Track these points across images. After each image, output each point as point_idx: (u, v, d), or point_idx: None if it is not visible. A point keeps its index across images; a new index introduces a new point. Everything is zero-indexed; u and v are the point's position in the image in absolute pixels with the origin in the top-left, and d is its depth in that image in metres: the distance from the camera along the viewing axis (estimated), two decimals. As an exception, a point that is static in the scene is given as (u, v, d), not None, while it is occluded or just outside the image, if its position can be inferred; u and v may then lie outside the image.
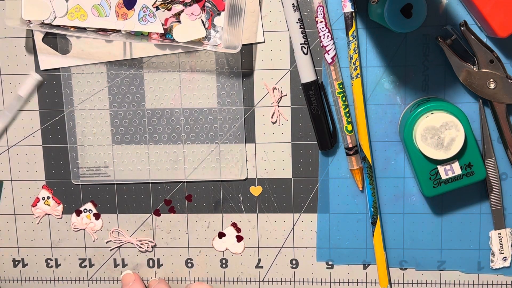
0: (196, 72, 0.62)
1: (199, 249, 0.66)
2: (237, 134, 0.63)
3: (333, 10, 0.60)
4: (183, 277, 0.67)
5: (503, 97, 0.58)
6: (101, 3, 0.59)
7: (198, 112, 0.63)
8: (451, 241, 0.64)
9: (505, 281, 0.64)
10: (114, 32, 0.60)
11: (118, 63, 0.62)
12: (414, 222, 0.63)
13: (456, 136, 0.55)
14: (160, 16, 0.59)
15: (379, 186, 0.63)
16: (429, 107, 0.57)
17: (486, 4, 0.54)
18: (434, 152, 0.56)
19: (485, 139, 0.60)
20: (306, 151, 0.63)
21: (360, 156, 0.61)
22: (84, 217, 0.66)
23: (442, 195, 0.62)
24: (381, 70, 0.61)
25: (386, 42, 0.60)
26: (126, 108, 0.63)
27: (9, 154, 0.65)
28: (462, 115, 0.56)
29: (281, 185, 0.64)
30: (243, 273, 0.67)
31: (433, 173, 0.57)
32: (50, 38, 0.62)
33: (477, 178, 0.57)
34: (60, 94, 0.64)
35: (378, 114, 0.61)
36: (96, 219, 0.66)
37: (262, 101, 0.62)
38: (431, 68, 0.60)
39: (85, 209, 0.66)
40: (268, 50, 0.61)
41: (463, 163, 0.57)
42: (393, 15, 0.55)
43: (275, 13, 0.61)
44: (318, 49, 0.61)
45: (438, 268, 0.64)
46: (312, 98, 0.60)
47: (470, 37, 0.56)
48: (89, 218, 0.66)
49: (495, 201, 0.61)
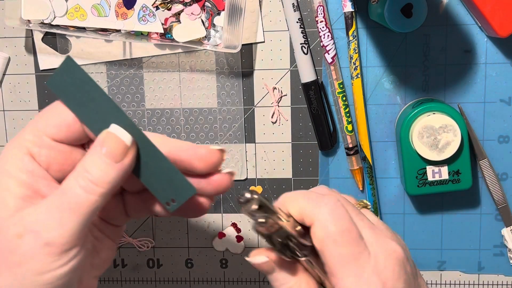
0: (196, 72, 0.62)
1: (199, 249, 0.66)
2: (237, 134, 0.63)
3: (333, 9, 0.60)
4: (183, 277, 0.67)
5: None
6: (101, 2, 0.59)
7: (198, 112, 0.63)
8: (451, 241, 0.63)
9: (505, 281, 0.64)
10: (113, 32, 0.60)
11: (118, 63, 0.62)
12: (414, 222, 0.63)
13: (452, 141, 0.55)
14: (160, 16, 0.59)
15: (379, 186, 0.63)
16: (431, 106, 0.57)
17: (486, 4, 0.54)
18: (427, 152, 0.56)
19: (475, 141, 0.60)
20: (306, 151, 0.63)
21: (360, 156, 0.61)
22: (84, 217, 0.66)
23: (442, 195, 0.62)
24: (381, 70, 0.61)
25: (386, 42, 0.60)
26: (126, 108, 0.63)
27: (9, 154, 0.65)
28: (462, 123, 0.56)
29: (281, 185, 0.64)
30: (243, 273, 0.67)
31: (421, 172, 0.57)
32: (50, 38, 0.62)
33: (462, 187, 0.58)
34: (59, 94, 0.63)
35: (378, 114, 0.61)
36: (95, 219, 0.66)
37: (262, 101, 0.62)
38: (431, 68, 0.60)
39: (85, 209, 0.66)
40: (268, 50, 0.61)
41: (452, 169, 0.57)
42: (393, 15, 0.55)
43: (275, 12, 0.61)
44: (318, 49, 0.61)
45: (438, 268, 0.64)
46: (312, 98, 0.60)
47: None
48: (89, 218, 0.66)
49: (499, 199, 0.61)
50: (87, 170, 0.37)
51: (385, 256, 0.38)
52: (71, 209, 0.36)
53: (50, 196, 0.37)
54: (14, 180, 0.38)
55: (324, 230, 0.37)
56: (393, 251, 0.38)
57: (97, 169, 0.37)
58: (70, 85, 0.39)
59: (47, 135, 0.39)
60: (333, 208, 0.38)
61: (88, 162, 0.37)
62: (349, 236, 0.37)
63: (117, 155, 0.37)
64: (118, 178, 0.37)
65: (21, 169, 0.38)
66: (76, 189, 0.37)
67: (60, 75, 0.39)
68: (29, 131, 0.39)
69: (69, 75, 0.39)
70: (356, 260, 0.37)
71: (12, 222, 0.37)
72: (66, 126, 0.39)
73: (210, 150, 0.39)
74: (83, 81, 0.39)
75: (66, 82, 0.39)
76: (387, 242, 0.38)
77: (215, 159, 0.39)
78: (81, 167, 0.37)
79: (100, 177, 0.37)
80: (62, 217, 0.36)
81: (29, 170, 0.38)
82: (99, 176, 0.37)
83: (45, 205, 0.37)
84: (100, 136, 0.38)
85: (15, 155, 0.38)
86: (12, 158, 0.38)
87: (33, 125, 0.39)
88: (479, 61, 0.60)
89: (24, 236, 0.36)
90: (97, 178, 0.37)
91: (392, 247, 0.38)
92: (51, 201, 0.37)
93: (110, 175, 0.37)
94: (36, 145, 0.39)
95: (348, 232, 0.37)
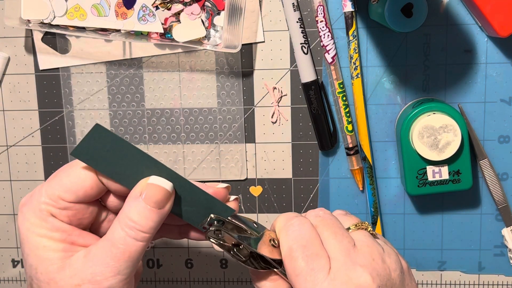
0: (196, 72, 0.62)
1: (199, 249, 0.66)
2: (237, 134, 0.63)
3: (333, 9, 0.60)
4: (183, 277, 0.67)
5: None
6: (101, 2, 0.59)
7: (198, 112, 0.63)
8: (451, 241, 0.63)
9: (506, 281, 0.64)
10: (113, 31, 0.60)
11: (118, 63, 0.62)
12: (415, 222, 0.63)
13: (453, 141, 0.55)
14: (159, 16, 0.59)
15: (379, 186, 0.63)
16: (432, 106, 0.57)
17: (486, 3, 0.53)
18: (427, 152, 0.56)
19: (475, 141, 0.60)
20: (306, 151, 0.63)
21: (361, 156, 0.61)
22: (84, 217, 0.66)
23: (442, 195, 0.62)
24: (382, 70, 0.60)
25: (386, 42, 0.60)
26: (126, 108, 0.63)
27: (9, 154, 0.65)
28: (462, 123, 0.56)
29: (281, 185, 0.64)
30: (243, 273, 0.66)
31: (421, 172, 0.57)
32: (50, 37, 0.62)
33: (463, 187, 0.58)
34: (59, 94, 0.63)
35: (378, 114, 0.61)
36: (95, 219, 0.66)
37: (262, 101, 0.62)
38: (431, 68, 0.60)
39: (85, 209, 0.66)
40: (268, 49, 0.61)
41: (452, 169, 0.57)
42: (394, 14, 0.55)
43: (275, 12, 0.60)
44: (318, 49, 0.61)
45: (438, 269, 0.64)
46: (312, 98, 0.60)
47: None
48: (89, 218, 0.66)
49: (499, 199, 0.61)
50: (133, 220, 0.41)
51: (344, 281, 0.40)
52: (125, 258, 0.41)
53: (99, 249, 0.41)
54: (49, 240, 0.41)
55: (285, 245, 0.42)
56: (356, 278, 0.40)
57: (142, 218, 0.41)
58: (99, 150, 0.42)
59: (62, 199, 0.42)
60: (296, 228, 0.42)
61: (133, 212, 0.41)
62: (305, 253, 0.40)
63: (160, 202, 0.41)
64: (161, 221, 0.42)
65: (51, 229, 0.42)
66: (126, 239, 0.41)
67: (87, 143, 0.42)
68: (46, 195, 0.42)
69: (97, 140, 0.42)
70: (312, 274, 0.40)
71: (67, 275, 0.41)
72: (82, 191, 0.42)
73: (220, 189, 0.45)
74: (114, 143, 0.43)
75: (93, 148, 0.42)
76: (354, 269, 0.40)
77: (223, 193, 0.45)
78: (127, 218, 0.41)
79: (146, 224, 0.41)
80: (118, 266, 0.40)
81: (57, 228, 0.42)
82: (145, 223, 0.41)
83: (96, 257, 0.41)
84: (138, 186, 0.42)
85: (39, 217, 0.42)
86: (37, 221, 0.42)
87: (49, 190, 0.42)
88: (480, 61, 0.60)
89: (83, 286, 0.40)
90: (143, 225, 0.41)
91: (356, 275, 0.40)
92: (102, 252, 0.41)
93: (155, 220, 0.41)
94: (54, 207, 0.42)
95: (304, 248, 0.41)
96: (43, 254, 0.41)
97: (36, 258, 0.41)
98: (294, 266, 0.40)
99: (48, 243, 0.41)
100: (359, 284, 0.40)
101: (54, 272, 0.41)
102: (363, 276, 0.40)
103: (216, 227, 0.43)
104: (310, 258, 0.40)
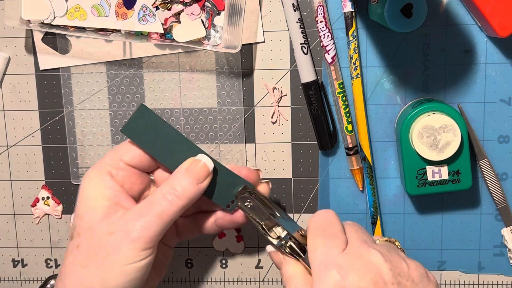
0: (196, 72, 0.62)
1: (199, 249, 0.66)
2: (237, 134, 0.63)
3: (333, 9, 0.60)
4: (183, 277, 0.67)
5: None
6: (101, 2, 0.59)
7: (198, 112, 0.63)
8: (451, 241, 0.63)
9: (506, 281, 0.64)
10: (113, 32, 0.60)
11: (118, 63, 0.62)
12: (414, 222, 0.63)
13: (452, 141, 0.55)
14: (159, 16, 0.59)
15: (379, 186, 0.63)
16: (431, 106, 0.57)
17: (486, 3, 0.54)
18: (427, 152, 0.56)
19: (475, 141, 0.60)
20: (306, 151, 0.63)
21: (360, 156, 0.61)
22: (84, 217, 0.66)
23: (442, 195, 0.62)
24: (381, 70, 0.61)
25: (386, 42, 0.60)
26: (126, 108, 0.63)
27: (9, 154, 0.65)
28: (462, 123, 0.56)
29: (281, 185, 0.64)
30: (243, 273, 0.67)
31: (421, 172, 0.57)
32: (50, 38, 0.62)
33: (462, 187, 0.58)
34: (59, 94, 0.63)
35: (378, 114, 0.61)
36: (96, 219, 0.66)
37: (262, 101, 0.62)
38: (431, 68, 0.60)
39: (85, 209, 0.66)
40: (268, 50, 0.61)
41: (452, 169, 0.57)
42: (393, 15, 0.55)
43: (275, 12, 0.61)
44: (318, 49, 0.61)
45: (438, 268, 0.64)
46: (312, 98, 0.60)
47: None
48: (89, 218, 0.66)
49: (499, 199, 0.61)
50: (174, 187, 0.47)
51: (356, 257, 0.43)
52: (156, 216, 0.46)
53: (138, 206, 0.48)
54: (100, 194, 0.48)
55: (309, 225, 0.47)
56: (367, 255, 0.43)
57: (182, 187, 0.47)
58: (144, 129, 0.49)
59: (122, 161, 0.50)
60: (322, 214, 0.48)
61: (176, 181, 0.48)
62: (325, 232, 0.45)
63: (200, 178, 0.48)
64: (196, 195, 0.48)
65: (105, 186, 0.49)
66: (163, 201, 0.47)
67: (134, 122, 0.49)
68: (109, 157, 0.50)
69: (143, 120, 0.49)
70: (327, 249, 0.44)
71: (105, 224, 0.47)
72: (139, 157, 0.50)
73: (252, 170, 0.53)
74: (157, 124, 0.49)
75: (140, 127, 0.49)
76: (367, 249, 0.44)
77: (255, 175, 0.53)
78: (169, 185, 0.48)
79: (184, 193, 0.47)
80: (148, 221, 0.46)
81: (110, 187, 0.49)
82: (183, 192, 0.47)
83: (133, 212, 0.47)
84: (187, 162, 0.49)
85: (99, 176, 0.49)
86: (97, 178, 0.49)
87: (112, 153, 0.50)
88: (479, 61, 0.60)
89: (114, 233, 0.46)
90: (181, 193, 0.47)
91: (368, 253, 0.43)
92: (139, 209, 0.47)
93: (192, 192, 0.48)
94: (114, 168, 0.50)
95: (324, 228, 0.46)
96: (92, 203, 0.48)
97: (85, 207, 0.48)
98: (313, 243, 0.45)
99: (99, 196, 0.48)
100: (369, 260, 0.43)
101: (95, 222, 0.47)
102: (375, 254, 0.43)
103: (250, 200, 0.50)
104: (329, 237, 0.45)
